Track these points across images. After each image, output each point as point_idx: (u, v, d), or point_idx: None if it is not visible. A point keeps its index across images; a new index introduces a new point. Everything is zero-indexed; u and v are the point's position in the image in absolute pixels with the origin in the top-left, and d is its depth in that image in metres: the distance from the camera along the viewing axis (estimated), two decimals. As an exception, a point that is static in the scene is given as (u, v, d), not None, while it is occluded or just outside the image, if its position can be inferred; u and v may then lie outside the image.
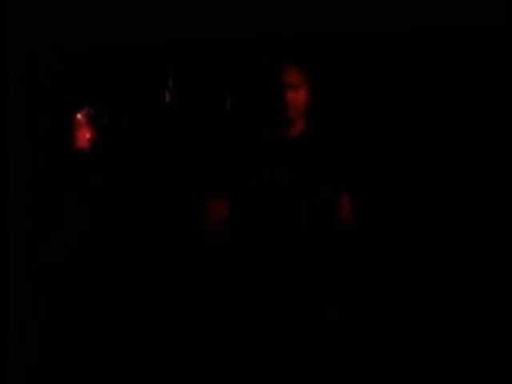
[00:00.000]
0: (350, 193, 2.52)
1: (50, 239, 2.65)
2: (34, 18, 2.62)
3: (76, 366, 2.62)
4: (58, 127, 2.76)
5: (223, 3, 2.81)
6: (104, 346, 2.68)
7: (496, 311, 2.64)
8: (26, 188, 2.58)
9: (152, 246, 2.75)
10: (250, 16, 2.79)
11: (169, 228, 2.76)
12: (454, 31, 2.77)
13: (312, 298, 2.45)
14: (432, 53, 2.86)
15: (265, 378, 2.44)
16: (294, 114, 2.41)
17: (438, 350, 2.72)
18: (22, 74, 2.60)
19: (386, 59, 2.92)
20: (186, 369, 2.56)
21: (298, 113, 2.43)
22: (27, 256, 2.58)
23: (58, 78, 2.79)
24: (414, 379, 2.69)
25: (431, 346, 2.73)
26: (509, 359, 2.51)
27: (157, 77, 3.00)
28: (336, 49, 2.94)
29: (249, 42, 2.87)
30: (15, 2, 2.51)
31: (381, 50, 2.91)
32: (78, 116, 2.77)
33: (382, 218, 2.87)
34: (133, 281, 2.72)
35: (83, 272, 2.70)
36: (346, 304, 2.52)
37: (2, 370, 2.37)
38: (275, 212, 2.44)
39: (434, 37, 2.82)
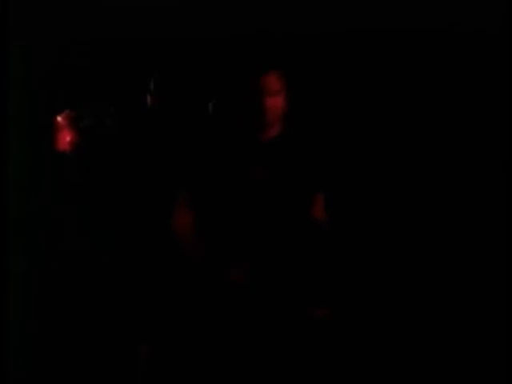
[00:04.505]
0: (325, 193, 2.57)
1: (40, 241, 2.65)
2: (25, 14, 2.62)
3: (75, 366, 2.63)
4: (44, 129, 2.76)
5: (208, 6, 2.82)
6: (102, 346, 2.69)
7: (493, 311, 2.65)
8: (22, 189, 2.59)
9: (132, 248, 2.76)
10: (235, 19, 2.80)
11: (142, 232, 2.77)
12: (452, 38, 2.80)
13: (295, 297, 2.48)
14: (418, 59, 2.89)
15: (252, 379, 2.44)
16: (271, 118, 2.48)
17: (430, 349, 2.73)
18: (21, 73, 2.61)
19: (369, 62, 2.95)
20: (175, 369, 2.58)
21: (276, 117, 2.48)
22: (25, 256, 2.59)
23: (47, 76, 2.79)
24: (408, 379, 2.70)
25: (422, 345, 2.75)
26: (509, 359, 2.52)
27: (139, 78, 3.00)
28: (317, 52, 2.98)
29: (231, 44, 2.90)
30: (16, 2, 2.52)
31: (367, 54, 2.94)
32: (59, 118, 2.77)
33: (364, 217, 2.89)
34: (121, 282, 2.73)
35: (76, 273, 2.70)
36: (336, 303, 2.53)
37: (2, 370, 2.38)
38: (249, 211, 2.49)
39: (421, 43, 2.85)
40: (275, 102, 2.46)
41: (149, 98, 2.97)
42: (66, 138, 2.74)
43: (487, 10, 2.63)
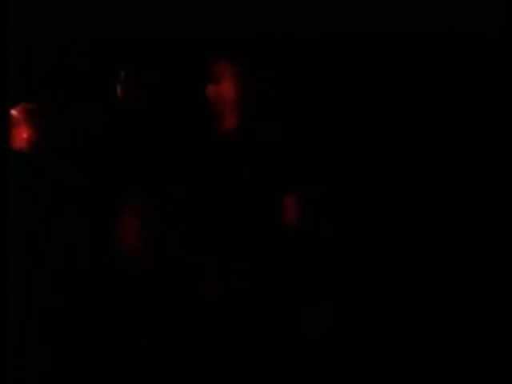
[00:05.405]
0: (298, 193, 2.45)
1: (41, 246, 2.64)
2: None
3: (75, 366, 2.63)
4: None
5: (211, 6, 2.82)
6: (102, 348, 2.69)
7: (491, 313, 2.65)
8: (22, 189, 2.60)
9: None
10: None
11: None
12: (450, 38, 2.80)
13: (286, 306, 2.42)
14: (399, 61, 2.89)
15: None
16: (217, 107, 2.36)
17: (429, 355, 2.73)
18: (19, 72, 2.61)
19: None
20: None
21: (223, 106, 2.36)
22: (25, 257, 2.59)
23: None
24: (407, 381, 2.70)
25: (421, 349, 2.74)
26: (508, 359, 2.52)
27: (105, 71, 2.95)
28: (305, 51, 2.97)
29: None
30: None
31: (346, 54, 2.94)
32: (14, 112, 2.50)
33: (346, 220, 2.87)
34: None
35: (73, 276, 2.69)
36: (329, 314, 2.50)
37: (2, 370, 2.38)
38: (206, 210, 2.38)
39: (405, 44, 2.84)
40: (219, 90, 2.39)
41: (119, 89, 2.85)
42: (22, 135, 2.55)
43: (487, 9, 2.64)
